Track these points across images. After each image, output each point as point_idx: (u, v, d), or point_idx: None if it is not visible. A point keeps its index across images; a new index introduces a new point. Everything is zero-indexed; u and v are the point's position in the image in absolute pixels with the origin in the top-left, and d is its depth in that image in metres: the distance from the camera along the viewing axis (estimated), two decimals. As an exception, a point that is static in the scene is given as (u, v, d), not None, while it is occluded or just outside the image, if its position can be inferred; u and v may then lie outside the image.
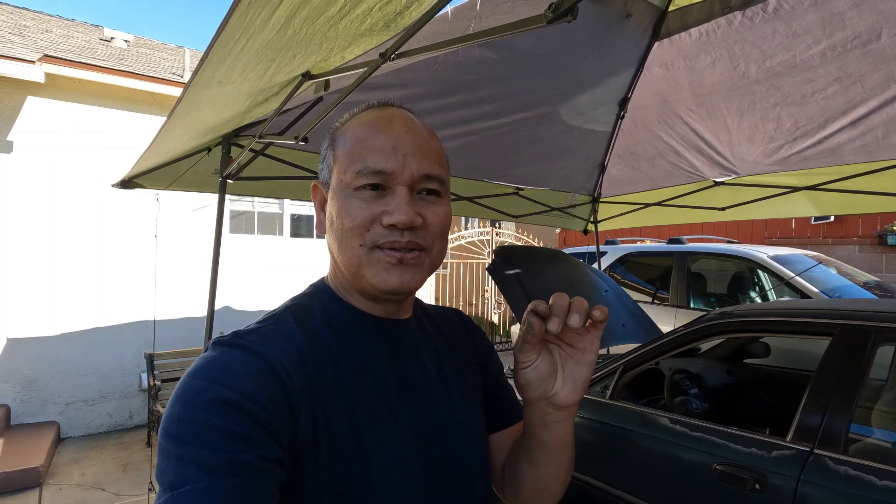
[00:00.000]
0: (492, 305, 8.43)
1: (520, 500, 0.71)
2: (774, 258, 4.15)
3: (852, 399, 1.58)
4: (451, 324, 0.75)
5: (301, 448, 0.52)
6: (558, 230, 8.97)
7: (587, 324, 0.55)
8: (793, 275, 3.88)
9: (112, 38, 6.15)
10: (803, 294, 3.78)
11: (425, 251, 0.59)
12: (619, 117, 2.88)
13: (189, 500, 0.43)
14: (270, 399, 0.50)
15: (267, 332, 0.56)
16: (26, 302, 4.27)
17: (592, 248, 4.47)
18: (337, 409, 0.55)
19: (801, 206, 3.25)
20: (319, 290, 0.65)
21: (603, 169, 3.42)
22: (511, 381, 0.72)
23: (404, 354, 0.64)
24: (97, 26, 6.73)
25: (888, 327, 1.64)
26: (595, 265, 4.22)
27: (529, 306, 0.56)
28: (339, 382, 0.57)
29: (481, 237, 8.33)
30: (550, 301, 0.54)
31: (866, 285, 4.11)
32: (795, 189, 3.09)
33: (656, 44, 2.34)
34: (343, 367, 0.58)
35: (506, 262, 2.80)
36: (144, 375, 4.47)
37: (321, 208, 0.65)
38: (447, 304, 8.00)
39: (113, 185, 2.84)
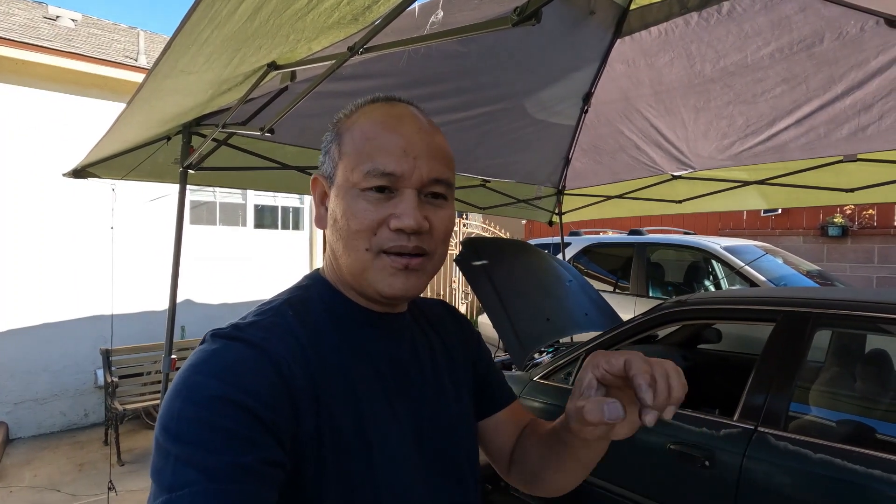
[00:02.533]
0: (459, 296, 8.50)
1: (534, 490, 0.73)
2: (727, 248, 4.36)
3: (792, 380, 1.70)
4: (439, 315, 0.76)
5: (304, 444, 0.52)
6: (524, 222, 9.11)
7: None
8: (742, 264, 4.09)
9: (58, 17, 5.79)
10: (752, 283, 3.99)
11: (428, 256, 0.59)
12: (583, 111, 2.95)
13: None
14: (274, 397, 0.49)
15: (267, 325, 0.55)
16: (-32, 297, 4.03)
17: (557, 240, 4.58)
18: (340, 402, 0.55)
19: (752, 200, 3.43)
20: (317, 283, 0.64)
21: (567, 162, 3.50)
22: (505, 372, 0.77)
23: (402, 348, 0.65)
24: (41, 3, 6.30)
25: (825, 313, 1.77)
26: (560, 256, 4.32)
27: (599, 371, 0.51)
28: (343, 375, 0.57)
29: (449, 228, 8.36)
30: (641, 373, 0.48)
31: (808, 274, 4.39)
32: (746, 183, 3.25)
33: (618, 41, 2.40)
34: (346, 359, 0.58)
35: (473, 254, 2.83)
36: (100, 372, 4.30)
37: (321, 202, 0.63)
38: (415, 294, 7.99)
39: (64, 175, 2.70)
